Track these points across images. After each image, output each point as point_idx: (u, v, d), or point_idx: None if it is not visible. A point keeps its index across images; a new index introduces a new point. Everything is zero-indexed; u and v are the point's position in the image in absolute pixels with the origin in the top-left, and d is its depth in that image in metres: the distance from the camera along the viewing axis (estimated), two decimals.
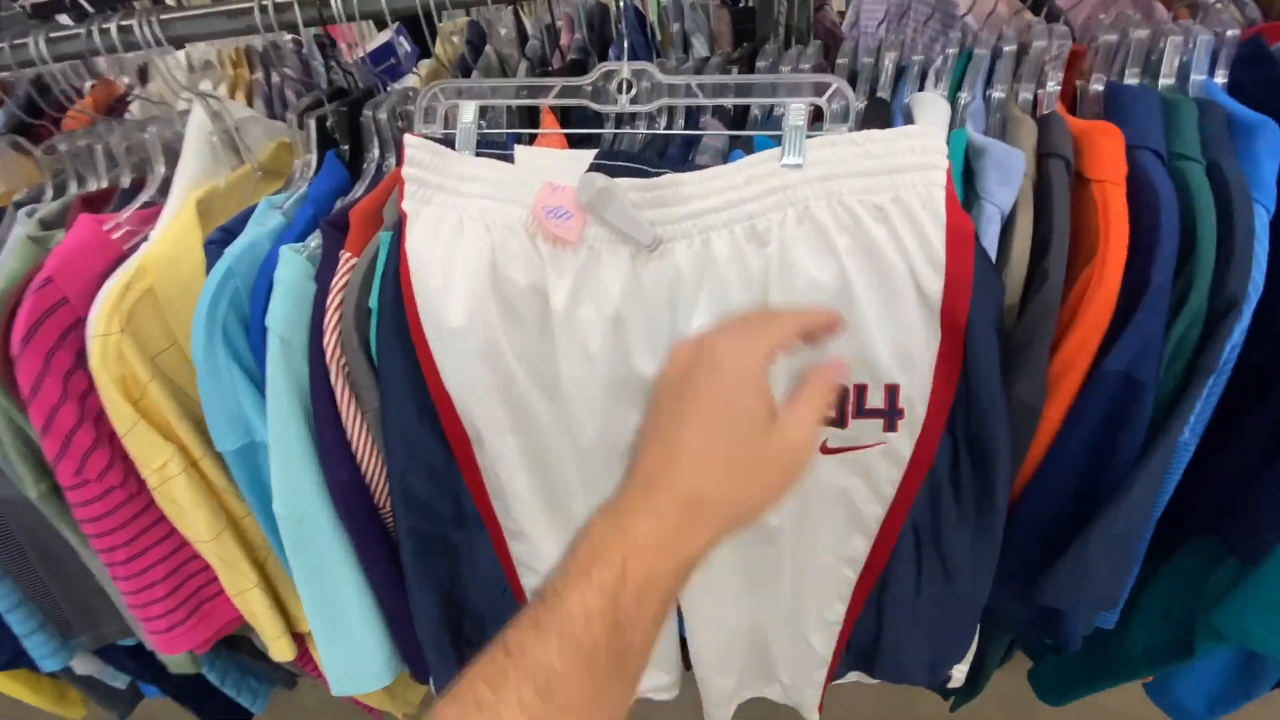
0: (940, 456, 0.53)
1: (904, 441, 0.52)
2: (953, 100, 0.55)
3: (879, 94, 0.57)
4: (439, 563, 0.60)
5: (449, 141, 0.51)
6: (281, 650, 0.72)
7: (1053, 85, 0.54)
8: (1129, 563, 0.58)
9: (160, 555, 0.66)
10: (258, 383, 0.56)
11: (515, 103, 0.53)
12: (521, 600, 0.64)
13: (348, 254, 0.53)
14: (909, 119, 0.54)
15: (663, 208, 0.48)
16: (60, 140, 0.71)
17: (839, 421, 0.52)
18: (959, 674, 0.70)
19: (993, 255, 0.48)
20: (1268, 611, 0.58)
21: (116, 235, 0.61)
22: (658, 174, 0.50)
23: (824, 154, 0.46)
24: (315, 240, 0.55)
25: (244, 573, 0.67)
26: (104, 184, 0.71)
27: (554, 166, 0.51)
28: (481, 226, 0.49)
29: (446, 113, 0.53)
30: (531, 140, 0.58)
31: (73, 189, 0.71)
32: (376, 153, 0.60)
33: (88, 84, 0.85)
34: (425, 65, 0.82)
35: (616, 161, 0.51)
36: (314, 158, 0.61)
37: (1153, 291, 0.46)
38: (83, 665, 0.88)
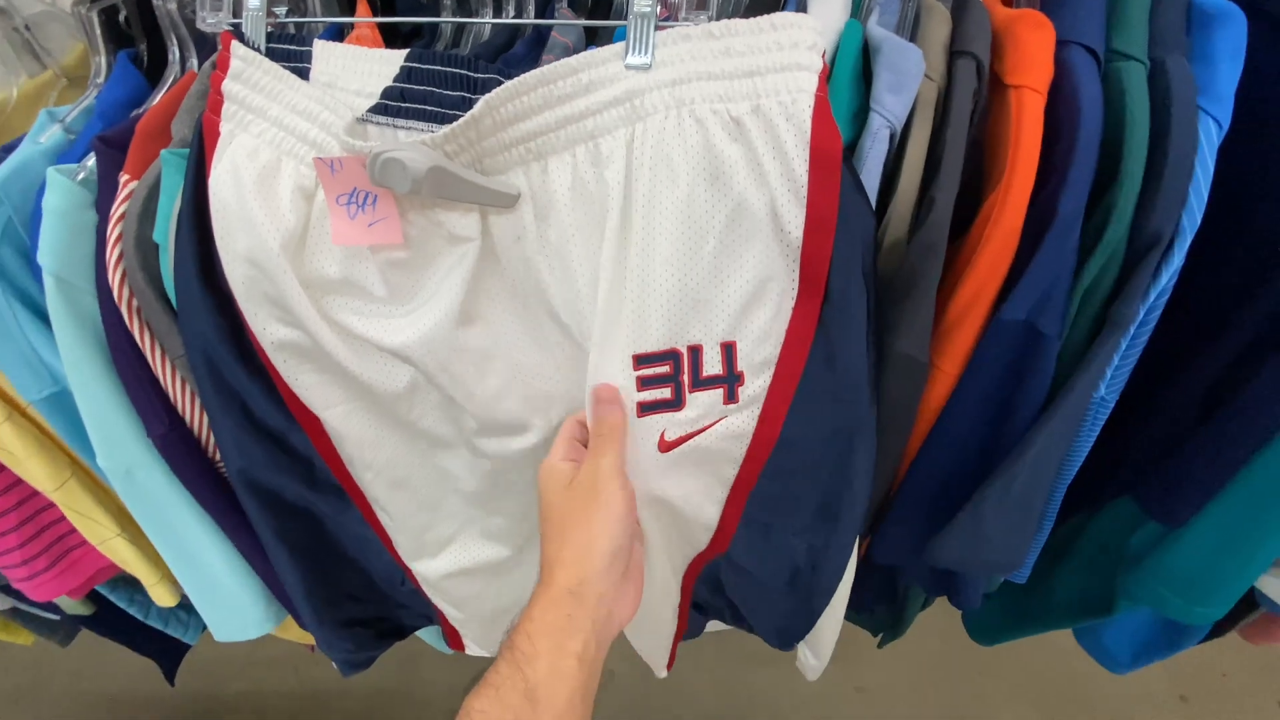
0: (785, 441, 0.43)
1: (745, 417, 0.42)
2: None
3: None
4: (295, 524, 0.55)
5: (244, 35, 0.42)
6: (162, 596, 0.69)
7: None
8: (1031, 525, 0.53)
9: (6, 505, 0.62)
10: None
11: None
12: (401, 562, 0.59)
13: (126, 176, 0.45)
14: (801, 6, 0.44)
15: (490, 137, 0.39)
16: None
17: (675, 402, 0.42)
18: (806, 657, 0.64)
19: (877, 181, 0.40)
20: (1182, 579, 0.53)
21: None
22: (487, 81, 0.41)
23: (675, 51, 0.37)
24: (94, 160, 0.47)
25: (101, 521, 0.63)
26: None
27: (354, 71, 0.42)
28: (296, 172, 0.40)
29: None
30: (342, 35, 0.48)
31: None
32: (177, 52, 0.50)
33: None
34: None
35: (432, 65, 0.41)
36: (103, 60, 0.51)
37: (1058, 225, 0.38)
38: None
